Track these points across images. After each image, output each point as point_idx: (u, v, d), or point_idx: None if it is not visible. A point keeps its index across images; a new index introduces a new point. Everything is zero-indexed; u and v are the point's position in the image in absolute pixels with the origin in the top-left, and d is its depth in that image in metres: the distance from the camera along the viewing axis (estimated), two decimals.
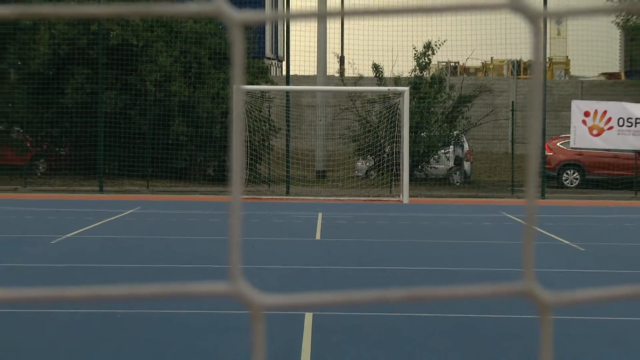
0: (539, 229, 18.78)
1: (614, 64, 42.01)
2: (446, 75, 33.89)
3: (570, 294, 0.81)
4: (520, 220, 20.86)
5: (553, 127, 31.70)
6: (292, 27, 32.60)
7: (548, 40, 40.92)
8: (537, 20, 0.82)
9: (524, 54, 39.99)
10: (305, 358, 8.32)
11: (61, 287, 0.82)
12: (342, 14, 0.88)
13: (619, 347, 9.22)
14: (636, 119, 28.48)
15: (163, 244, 16.55)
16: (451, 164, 31.26)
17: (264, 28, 36.74)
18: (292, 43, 32.60)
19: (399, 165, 27.17)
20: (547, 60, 39.99)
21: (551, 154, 29.81)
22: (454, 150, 31.33)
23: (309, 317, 9.41)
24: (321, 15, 0.92)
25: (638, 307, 9.50)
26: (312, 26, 33.42)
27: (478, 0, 0.84)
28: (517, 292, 0.79)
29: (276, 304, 0.82)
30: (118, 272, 13.39)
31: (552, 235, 16.92)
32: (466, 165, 31.58)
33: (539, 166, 0.82)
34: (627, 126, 28.48)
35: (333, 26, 36.03)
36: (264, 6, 36.50)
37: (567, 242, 16.66)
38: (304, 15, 0.87)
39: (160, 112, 29.96)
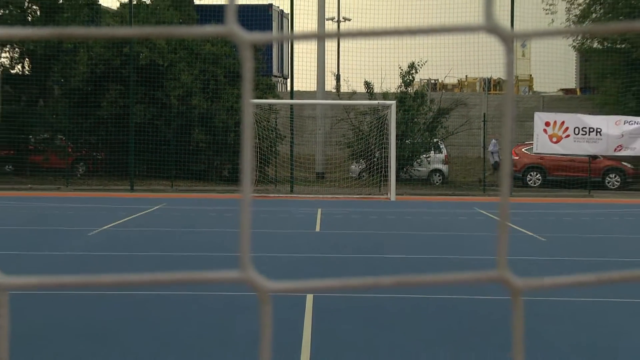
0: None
1: (571, 81, 42.01)
2: (427, 90, 33.85)
3: (538, 280, 0.80)
4: (490, 215, 20.89)
5: (519, 135, 31.76)
6: (295, 49, 32.72)
7: (515, 61, 40.78)
8: (509, 41, 0.81)
9: (494, 72, 40.07)
10: (307, 334, 8.31)
11: (96, 274, 0.81)
12: (338, 35, 0.87)
13: (575, 323, 9.21)
14: (589, 128, 28.63)
15: (185, 235, 16.57)
16: (432, 167, 31.40)
17: (271, 49, 36.67)
18: (295, 63, 32.80)
19: (387, 167, 27.22)
20: (514, 77, 39.92)
21: (517, 158, 29.85)
22: (434, 156, 31.45)
23: (310, 299, 9.41)
24: (320, 37, 0.90)
25: (591, 290, 9.47)
26: (313, 48, 33.41)
27: (458, 23, 0.83)
28: (493, 279, 0.77)
29: (280, 288, 0.82)
30: (146, 259, 13.40)
31: (519, 228, 16.91)
32: (444, 167, 31.69)
33: (511, 169, 0.81)
34: (582, 134, 28.67)
35: (330, 48, 35.98)
36: (271, 28, 36.37)
37: (531, 234, 16.66)
38: (305, 37, 0.86)
39: (183, 122, 29.99)
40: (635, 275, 0.82)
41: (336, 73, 37.87)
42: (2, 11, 31.87)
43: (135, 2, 31.07)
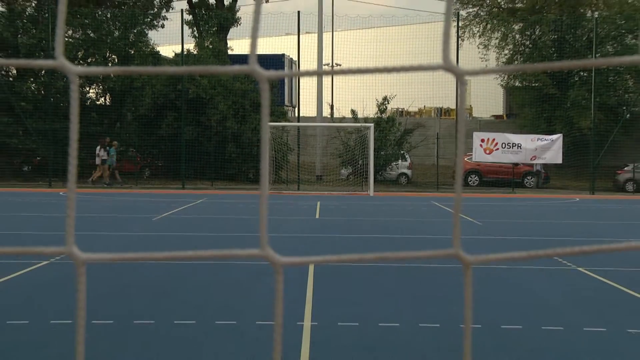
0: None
1: (500, 109, 42.15)
2: (396, 116, 33.93)
3: (484, 256, 0.77)
4: (442, 206, 20.92)
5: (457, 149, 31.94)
6: (301, 85, 32.74)
7: (464, 91, 41.23)
8: (462, 77, 0.78)
9: (444, 103, 40.25)
10: (309, 291, 8.30)
11: (157, 251, 0.80)
12: (332, 73, 0.84)
13: (509, 287, 9.22)
14: (513, 143, 28.91)
15: (221, 221, 16.58)
16: (400, 171, 31.61)
17: (284, 85, 36.81)
18: (301, 95, 32.79)
19: (367, 172, 27.30)
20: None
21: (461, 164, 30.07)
22: (401, 164, 31.65)
23: (311, 267, 9.41)
24: (318, 74, 0.87)
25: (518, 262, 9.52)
26: (313, 85, 33.50)
27: (423, 63, 0.80)
28: (449, 255, 0.75)
29: (289, 262, 0.80)
30: (194, 238, 13.42)
31: (462, 215, 16.90)
32: (409, 172, 31.92)
33: (461, 173, 0.78)
34: (507, 148, 28.95)
35: (326, 84, 36.11)
36: (284, 67, 36.50)
37: (471, 220, 16.69)
38: (308, 74, 0.83)
39: (219, 139, 30.20)
40: (552, 252, 0.80)
41: (330, 103, 38.11)
42: (90, 59, 32.00)
43: (185, 53, 31.16)
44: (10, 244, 11.58)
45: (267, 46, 35.28)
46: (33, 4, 33.37)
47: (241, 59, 33.22)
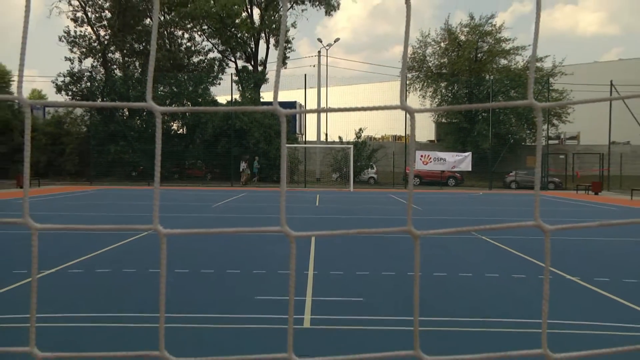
0: (404, 201, 18.68)
1: (432, 136, 41.98)
2: (367, 140, 33.84)
3: (427, 231, 0.75)
4: (397, 198, 20.83)
5: (409, 161, 31.70)
6: (307, 120, 32.65)
7: (414, 125, 41.01)
8: (412, 114, 0.76)
9: (397, 132, 40.02)
10: (312, 253, 8.26)
11: (215, 227, 0.77)
12: (327, 111, 0.82)
13: (442, 251, 9.15)
14: (440, 158, 28.94)
15: (254, 208, 16.48)
16: (369, 175, 31.46)
17: (296, 119, 36.80)
18: (307, 126, 32.72)
19: (349, 176, 27.22)
20: (409, 133, 40.12)
21: (407, 171, 29.79)
22: (372, 171, 31.53)
23: (313, 238, 9.34)
24: (318, 111, 0.84)
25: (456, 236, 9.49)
26: (314, 120, 33.46)
27: (386, 104, 0.78)
28: (404, 230, 0.72)
29: (299, 235, 0.77)
30: (238, 219, 13.31)
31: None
32: (375, 176, 31.75)
33: (412, 176, 0.76)
34: (437, 161, 28.98)
35: (322, 119, 35.92)
36: (296, 106, 36.46)
37: (416, 207, 16.63)
38: (311, 112, 0.81)
39: (254, 155, 30.06)
40: (468, 228, 0.77)
41: (325, 132, 38.01)
42: (173, 105, 31.88)
43: (233, 100, 31.14)
44: (120, 222, 11.52)
45: (285, 96, 35.31)
46: (139, 70, 33.76)
47: (268, 104, 33.22)
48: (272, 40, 35.07)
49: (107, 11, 33.66)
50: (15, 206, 15.14)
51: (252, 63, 35.13)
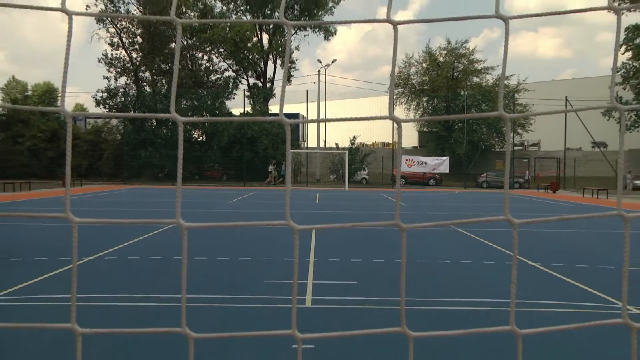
0: (393, 199, 18.62)
1: (416, 142, 41.90)
2: (360, 146, 33.81)
3: (413, 224, 0.74)
4: (386, 196, 20.78)
5: (396, 164, 31.58)
6: (309, 129, 32.62)
7: (401, 134, 40.97)
8: (400, 124, 0.75)
9: (386, 139, 39.97)
10: (313, 243, 8.23)
11: (229, 221, 0.76)
12: (325, 121, 0.81)
13: (424, 240, 9.10)
14: (422, 161, 28.98)
15: (263, 204, 16.43)
16: (362, 176, 31.33)
17: (299, 128, 36.73)
18: (309, 134, 32.68)
19: (344, 177, 27.18)
20: (397, 141, 40.09)
21: (395, 173, 29.68)
22: (367, 173, 31.44)
23: (314, 230, 9.30)
24: (319, 121, 0.83)
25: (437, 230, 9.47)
26: (314, 129, 33.41)
27: (376, 115, 0.77)
28: (392, 224, 0.72)
29: (302, 228, 0.76)
30: (249, 214, 13.24)
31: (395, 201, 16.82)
32: (367, 176, 31.67)
33: (399, 177, 0.75)
34: (419, 164, 28.98)
35: (322, 128, 35.87)
36: (299, 117, 36.53)
37: (402, 203, 16.57)
38: (311, 121, 0.80)
39: (264, 160, 30.01)
40: (447, 222, 0.76)
41: (324, 139, 37.97)
42: (194, 116, 31.87)
43: (245, 112, 31.17)
44: (148, 217, 11.49)
45: (289, 109, 35.33)
46: (165, 87, 33.80)
47: (275, 115, 33.20)
48: (278, 61, 35.12)
49: (138, 37, 33.73)
50: (61, 203, 15.12)
51: (262, 80, 35.20)
